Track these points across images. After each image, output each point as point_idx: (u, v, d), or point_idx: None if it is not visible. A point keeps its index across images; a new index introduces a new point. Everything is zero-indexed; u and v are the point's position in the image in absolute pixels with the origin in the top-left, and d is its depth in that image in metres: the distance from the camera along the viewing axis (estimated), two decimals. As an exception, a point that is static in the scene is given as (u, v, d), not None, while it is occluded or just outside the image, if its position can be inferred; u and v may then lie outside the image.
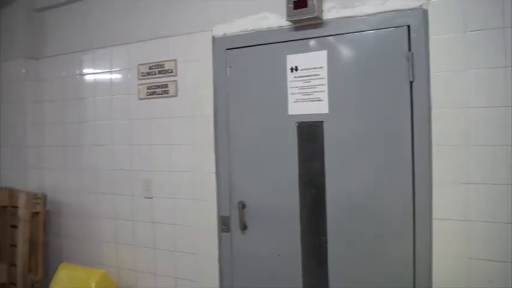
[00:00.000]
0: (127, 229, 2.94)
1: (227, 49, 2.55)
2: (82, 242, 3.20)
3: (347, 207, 2.22)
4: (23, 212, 3.19)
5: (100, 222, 3.09)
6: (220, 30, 2.55)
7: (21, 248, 3.18)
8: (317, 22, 2.26)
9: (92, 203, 3.13)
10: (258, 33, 2.44)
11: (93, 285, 2.75)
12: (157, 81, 2.76)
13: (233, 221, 2.55)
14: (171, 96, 2.70)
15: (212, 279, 2.59)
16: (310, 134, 2.32)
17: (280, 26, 2.37)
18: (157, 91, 2.75)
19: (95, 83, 3.10)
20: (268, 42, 2.43)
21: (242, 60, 2.51)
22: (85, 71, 3.16)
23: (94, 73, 3.11)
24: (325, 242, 2.28)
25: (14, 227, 3.29)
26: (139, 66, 2.84)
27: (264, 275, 2.46)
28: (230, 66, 2.54)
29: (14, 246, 3.27)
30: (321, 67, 2.28)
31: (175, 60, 2.68)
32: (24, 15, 3.40)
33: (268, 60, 2.43)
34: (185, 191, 2.67)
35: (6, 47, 3.48)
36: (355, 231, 2.20)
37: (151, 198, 2.80)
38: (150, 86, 2.78)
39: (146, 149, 2.83)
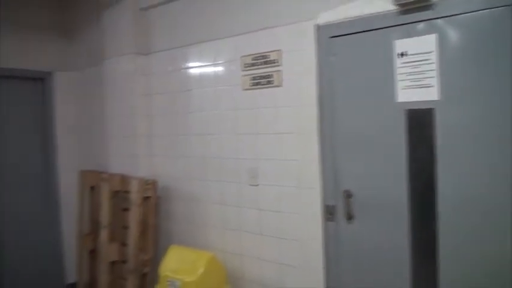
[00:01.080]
0: (233, 215, 3.13)
1: (331, 37, 2.60)
2: (190, 226, 3.45)
3: (460, 200, 2.19)
4: (135, 196, 3.51)
5: (208, 208, 3.31)
6: (324, 18, 2.60)
7: (133, 229, 3.51)
8: (425, 4, 2.23)
9: (200, 189, 3.36)
10: (363, 19, 2.46)
11: (201, 267, 2.95)
12: (261, 71, 2.88)
13: (338, 210, 2.61)
14: (276, 86, 2.81)
15: (316, 267, 2.69)
16: (419, 122, 2.31)
17: (387, 11, 2.36)
18: (262, 81, 2.87)
19: (200, 76, 3.31)
20: (374, 28, 2.44)
21: (347, 48, 2.55)
22: (191, 64, 3.39)
23: (199, 66, 3.32)
24: (436, 235, 2.27)
25: (126, 210, 3.63)
26: (243, 58, 2.98)
27: (370, 266, 2.51)
28: (334, 54, 2.59)
29: (125, 227, 3.62)
30: (431, 51, 2.25)
31: (279, 50, 2.78)
32: (132, 14, 3.72)
33: (375, 46, 2.44)
34: (290, 179, 2.78)
35: (117, 44, 3.83)
36: (468, 226, 2.17)
37: (257, 185, 2.94)
38: (255, 77, 2.91)
39: (251, 138, 2.97)
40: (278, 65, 2.80)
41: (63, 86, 4.67)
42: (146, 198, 3.52)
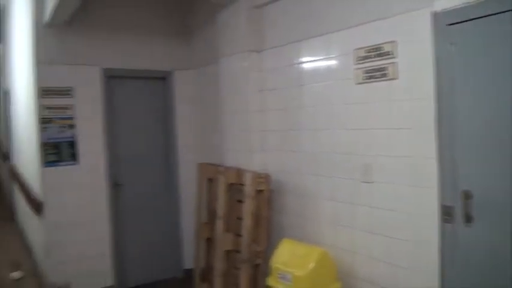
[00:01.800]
0: (345, 211, 3.14)
1: (449, 24, 2.47)
2: (301, 220, 3.54)
3: None
4: (249, 189, 3.69)
5: (319, 203, 3.37)
6: (441, 4, 2.48)
7: (247, 221, 3.69)
8: None
9: (312, 184, 3.42)
10: (486, 1, 2.28)
11: (313, 262, 3.01)
12: (374, 64, 2.84)
13: (456, 211, 2.49)
14: (390, 79, 2.75)
15: (430, 270, 2.59)
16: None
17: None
18: (376, 75, 2.83)
19: (312, 70, 3.37)
20: (500, 11, 2.24)
21: (468, 36, 2.40)
22: (302, 59, 3.46)
23: (311, 61, 3.38)
24: None
25: (240, 201, 3.82)
26: (356, 51, 2.96)
27: (487, 271, 2.37)
28: (454, 43, 2.46)
29: (239, 218, 3.81)
30: None
31: (394, 41, 2.72)
32: (246, 12, 3.90)
33: (500, 32, 2.26)
34: (404, 177, 2.72)
35: (231, 43, 4.05)
36: None
37: (370, 182, 2.92)
38: (368, 70, 2.88)
39: (364, 133, 2.96)
40: (393, 57, 2.74)
41: (182, 84, 5.09)
42: (259, 192, 3.68)
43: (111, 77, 4.66)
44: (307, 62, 3.42)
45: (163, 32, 4.99)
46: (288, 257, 3.19)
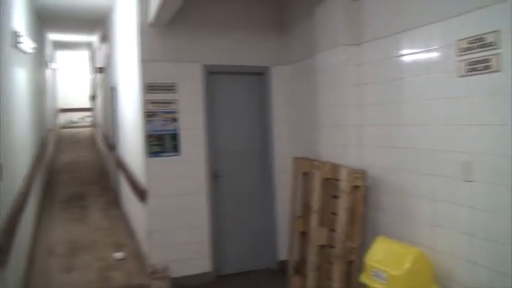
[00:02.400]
0: (443, 211, 3.06)
1: None
2: (398, 219, 3.50)
3: None
4: (344, 184, 3.72)
5: (416, 202, 3.31)
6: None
7: (341, 216, 3.73)
8: None
9: (410, 182, 3.37)
10: None
11: (409, 262, 2.97)
12: (477, 56, 2.72)
13: None
14: (494, 72, 2.62)
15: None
16: None
17: None
18: (478, 67, 2.71)
19: (412, 63, 3.30)
20: None
21: None
22: (402, 52, 3.40)
23: (411, 53, 3.31)
24: None
25: (335, 197, 3.86)
26: (458, 42, 2.85)
27: None
28: None
29: (334, 214, 3.85)
30: None
31: (497, 31, 2.58)
32: (344, 5, 3.91)
33: None
34: (508, 177, 2.56)
35: (329, 36, 4.08)
36: None
37: (471, 181, 2.81)
38: (470, 62, 2.76)
39: (465, 130, 2.84)
40: (496, 48, 2.59)
41: (278, 79, 5.24)
42: (355, 187, 3.69)
43: (212, 73, 4.94)
44: (407, 54, 3.34)
45: (260, 28, 5.17)
46: (383, 255, 3.18)
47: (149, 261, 4.82)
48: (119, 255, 5.66)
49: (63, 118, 20.77)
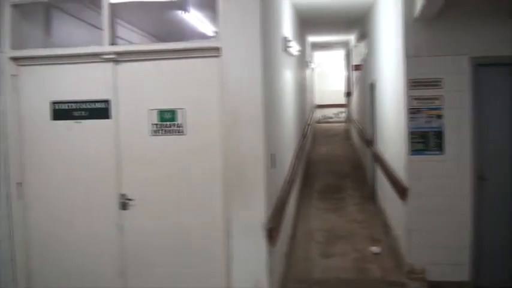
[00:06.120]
0: None
1: None
2: None
3: None
4: None
5: None
6: None
7: None
8: None
9: None
10: None
11: None
12: None
13: None
14: None
15: None
16: None
17: None
18: None
19: None
20: None
21: None
22: None
23: None
24: None
25: None
26: None
27: None
28: None
29: None
30: None
31: None
32: None
33: None
34: None
35: None
36: None
37: None
38: None
39: None
40: None
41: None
42: None
43: (479, 66, 4.54)
44: None
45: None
46: None
47: (406, 259, 4.78)
48: (375, 249, 5.77)
49: (319, 113, 22.15)
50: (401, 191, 4.93)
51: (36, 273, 4.05)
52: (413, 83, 4.56)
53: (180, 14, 4.46)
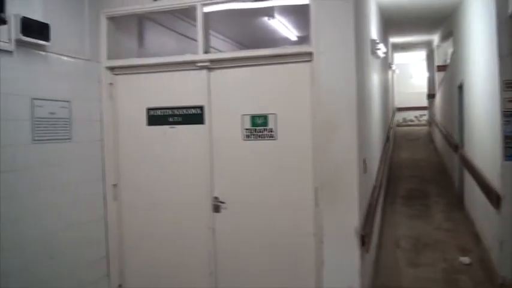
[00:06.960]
0: None
1: None
2: None
3: None
4: None
5: None
6: None
7: None
8: None
9: None
10: None
11: None
12: None
13: None
14: None
15: None
16: None
17: None
18: None
19: None
20: None
21: None
22: None
23: None
24: None
25: None
26: None
27: None
28: None
29: None
30: None
31: None
32: None
33: None
34: None
35: None
36: None
37: None
38: None
39: None
40: None
41: None
42: None
43: None
44: None
45: None
46: None
47: (498, 272, 4.50)
48: (465, 259, 5.50)
49: (399, 116, 21.44)
50: (495, 199, 4.66)
51: (128, 270, 4.28)
52: (508, 84, 4.30)
53: (266, 20, 4.52)
